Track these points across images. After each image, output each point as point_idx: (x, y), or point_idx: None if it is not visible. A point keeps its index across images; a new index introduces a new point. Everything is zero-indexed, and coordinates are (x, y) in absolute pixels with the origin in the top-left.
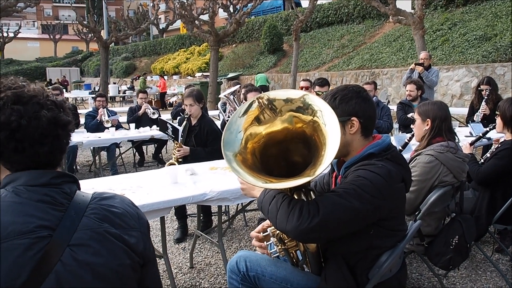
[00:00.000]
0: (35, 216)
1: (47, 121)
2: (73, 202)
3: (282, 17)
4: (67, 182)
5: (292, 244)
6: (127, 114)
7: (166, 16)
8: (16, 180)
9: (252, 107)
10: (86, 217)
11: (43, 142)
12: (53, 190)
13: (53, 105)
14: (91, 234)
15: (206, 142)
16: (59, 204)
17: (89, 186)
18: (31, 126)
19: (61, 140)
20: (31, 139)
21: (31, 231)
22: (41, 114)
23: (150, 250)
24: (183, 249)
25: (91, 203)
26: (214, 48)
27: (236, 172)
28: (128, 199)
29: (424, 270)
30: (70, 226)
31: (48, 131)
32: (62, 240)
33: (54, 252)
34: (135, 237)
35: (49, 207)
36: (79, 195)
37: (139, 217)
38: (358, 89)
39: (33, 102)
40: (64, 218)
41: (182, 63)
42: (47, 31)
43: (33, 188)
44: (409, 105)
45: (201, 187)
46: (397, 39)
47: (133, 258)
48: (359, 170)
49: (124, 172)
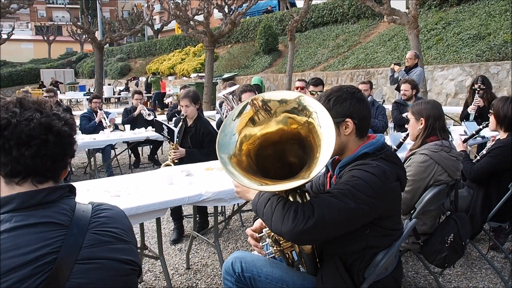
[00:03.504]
0: (35, 246)
1: (38, 124)
2: (74, 219)
3: (277, 17)
4: (63, 196)
5: (288, 245)
6: (122, 115)
7: (161, 16)
8: (8, 204)
9: (246, 109)
10: (90, 233)
11: (29, 143)
12: (50, 210)
13: (53, 116)
14: (96, 250)
15: (202, 143)
16: (59, 224)
17: (84, 188)
18: (20, 125)
19: (51, 147)
20: (17, 138)
21: (31, 260)
22: (35, 116)
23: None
24: (180, 250)
25: (92, 219)
26: (209, 48)
27: (231, 175)
28: (122, 211)
29: (420, 268)
30: (74, 245)
31: (37, 134)
32: (69, 259)
33: (62, 272)
34: (133, 249)
35: (50, 229)
36: (79, 211)
37: (132, 230)
38: (352, 90)
39: (33, 108)
40: (67, 237)
41: (177, 64)
42: (41, 33)
43: (28, 212)
44: (404, 105)
45: (196, 188)
46: (392, 39)
47: (133, 269)
48: (353, 170)
49: (119, 173)
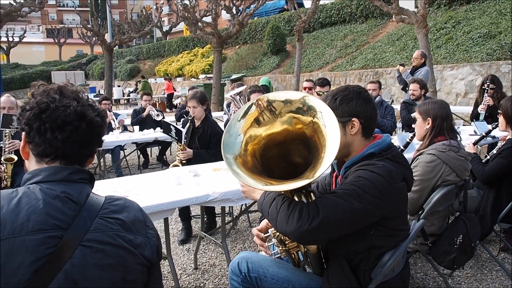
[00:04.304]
0: (51, 215)
1: (74, 111)
2: (87, 203)
3: (285, 18)
4: (83, 180)
5: (293, 245)
6: (131, 116)
7: (170, 18)
8: (36, 176)
9: (251, 109)
10: (99, 218)
11: (63, 128)
12: (69, 186)
13: (88, 106)
14: (102, 236)
15: (209, 144)
16: (74, 202)
17: (94, 188)
18: (58, 110)
19: (81, 134)
20: (53, 122)
21: (46, 229)
22: (72, 104)
23: (158, 255)
24: (187, 250)
25: (103, 205)
26: (217, 49)
27: (236, 175)
28: (137, 205)
29: (429, 269)
30: (82, 227)
31: (71, 120)
32: (74, 239)
33: (65, 250)
34: (142, 242)
35: (64, 205)
36: (92, 197)
37: (145, 224)
38: (359, 90)
39: (71, 97)
40: (77, 218)
41: (186, 65)
42: (52, 35)
43: (51, 184)
44: (413, 105)
45: (204, 188)
46: (401, 38)
47: (141, 262)
48: (359, 171)
49: (128, 174)
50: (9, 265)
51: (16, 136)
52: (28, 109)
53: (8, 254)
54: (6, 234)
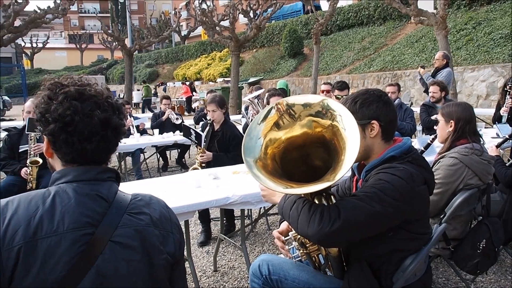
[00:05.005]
0: (83, 213)
1: (99, 121)
2: (115, 200)
3: (302, 21)
4: (111, 179)
5: (314, 248)
6: (151, 119)
7: (188, 23)
8: (66, 176)
9: (271, 113)
10: (127, 215)
11: (91, 139)
12: (98, 185)
13: (109, 107)
14: (130, 232)
15: (228, 147)
16: (104, 200)
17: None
18: (82, 123)
19: (109, 141)
20: (81, 134)
21: (79, 227)
22: (95, 113)
23: (180, 251)
24: (207, 253)
25: (131, 202)
26: (235, 53)
27: (257, 178)
28: (163, 202)
29: (450, 274)
30: (111, 223)
31: (97, 130)
32: (104, 236)
33: (97, 247)
34: (168, 238)
35: (94, 203)
36: (120, 195)
37: (171, 220)
38: (379, 93)
39: (91, 101)
40: (106, 215)
41: (204, 69)
42: (74, 41)
43: (81, 183)
44: (433, 107)
45: (224, 191)
46: (420, 40)
47: (166, 258)
48: (380, 174)
49: (148, 176)
50: (48, 263)
51: (41, 139)
52: (51, 121)
53: (46, 253)
54: (44, 233)
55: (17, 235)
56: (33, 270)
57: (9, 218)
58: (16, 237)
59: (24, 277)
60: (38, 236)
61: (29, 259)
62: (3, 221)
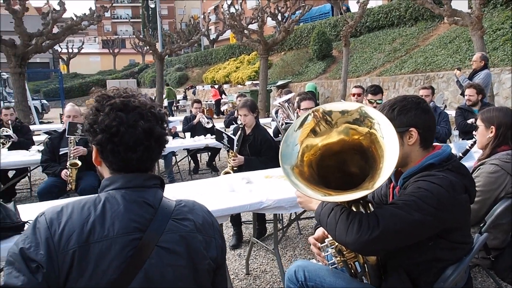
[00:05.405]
0: (132, 219)
1: (143, 131)
2: (161, 206)
3: (330, 23)
4: (156, 186)
5: (351, 256)
6: (182, 123)
7: (216, 26)
8: (114, 183)
9: (307, 120)
10: (172, 220)
11: (135, 149)
12: (145, 191)
13: (152, 117)
14: (175, 237)
15: (260, 151)
16: (150, 206)
17: None
18: (127, 133)
19: (152, 150)
20: (126, 145)
21: (128, 232)
22: (139, 124)
23: (222, 256)
24: (239, 256)
25: (175, 208)
26: (263, 56)
27: (295, 186)
28: (205, 207)
29: (490, 285)
30: (158, 229)
31: (141, 140)
32: (151, 241)
33: (144, 251)
34: (211, 244)
35: (142, 209)
36: (165, 201)
37: (213, 225)
38: (417, 100)
39: (135, 112)
40: (153, 221)
41: (232, 72)
42: (107, 46)
43: (128, 190)
44: (469, 111)
45: (257, 196)
46: (453, 41)
47: (209, 263)
48: (419, 182)
49: (180, 179)
50: (100, 267)
51: (80, 142)
52: (98, 131)
53: (98, 257)
54: (96, 238)
55: (71, 239)
56: (86, 274)
57: (64, 223)
58: (70, 241)
59: (78, 280)
60: (91, 241)
61: (83, 262)
62: (58, 226)
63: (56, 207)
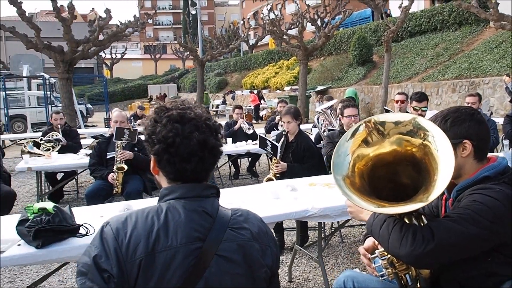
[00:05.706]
0: (193, 228)
1: (197, 142)
2: (218, 216)
3: (371, 28)
4: (213, 195)
5: (402, 268)
6: (224, 129)
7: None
8: (173, 193)
9: (359, 130)
10: (229, 230)
11: (190, 160)
12: (203, 201)
13: (207, 129)
14: (233, 246)
15: (303, 158)
16: (209, 215)
17: None
18: (183, 144)
19: (206, 161)
20: (181, 156)
21: (190, 241)
22: (194, 135)
23: (277, 264)
24: (281, 263)
25: (231, 217)
26: (303, 62)
27: (348, 197)
28: (258, 216)
29: None
30: (216, 238)
31: (195, 151)
32: (211, 250)
33: (204, 260)
34: (266, 252)
35: (201, 219)
36: (222, 210)
37: (267, 234)
38: (471, 111)
39: (190, 124)
40: (212, 230)
41: (271, 77)
42: (149, 52)
43: (188, 200)
44: None
45: (302, 203)
46: (500, 45)
47: (266, 271)
48: (474, 195)
49: (220, 184)
50: (165, 275)
51: (127, 147)
52: (156, 142)
53: (163, 266)
54: (161, 247)
55: (138, 249)
56: (151, 283)
57: (130, 232)
58: (137, 251)
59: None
60: (156, 250)
61: (149, 271)
62: (124, 236)
63: (120, 217)
